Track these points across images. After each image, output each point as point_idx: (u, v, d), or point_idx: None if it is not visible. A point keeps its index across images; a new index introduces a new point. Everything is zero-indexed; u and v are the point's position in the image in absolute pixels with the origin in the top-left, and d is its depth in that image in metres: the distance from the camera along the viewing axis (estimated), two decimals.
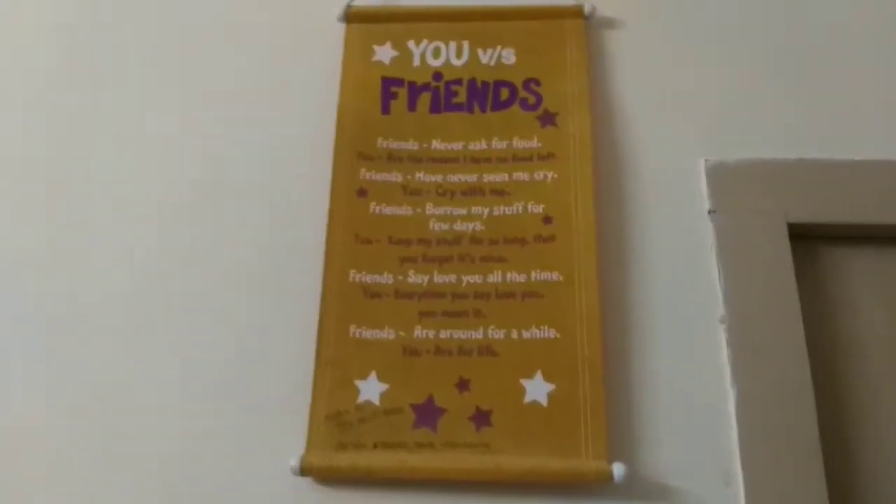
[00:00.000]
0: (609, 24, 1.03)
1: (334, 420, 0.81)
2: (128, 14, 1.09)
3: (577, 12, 1.02)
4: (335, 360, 0.84)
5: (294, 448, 0.80)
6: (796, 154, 0.92)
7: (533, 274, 0.87)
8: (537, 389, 0.82)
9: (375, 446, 0.80)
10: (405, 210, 0.92)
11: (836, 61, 1.00)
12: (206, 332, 0.88)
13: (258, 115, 1.00)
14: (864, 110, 0.96)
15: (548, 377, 0.82)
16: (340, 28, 1.03)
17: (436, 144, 0.96)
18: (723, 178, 0.91)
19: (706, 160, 0.93)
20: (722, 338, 0.84)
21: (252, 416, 0.84)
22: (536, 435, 0.79)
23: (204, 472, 0.82)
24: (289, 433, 0.81)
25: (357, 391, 0.83)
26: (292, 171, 0.96)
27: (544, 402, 0.81)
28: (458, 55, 1.01)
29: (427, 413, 0.81)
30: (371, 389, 0.83)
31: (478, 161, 0.95)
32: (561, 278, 0.87)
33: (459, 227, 0.91)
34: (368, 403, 0.82)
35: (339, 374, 0.83)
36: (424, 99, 0.99)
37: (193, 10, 1.08)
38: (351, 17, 1.04)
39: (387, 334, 0.85)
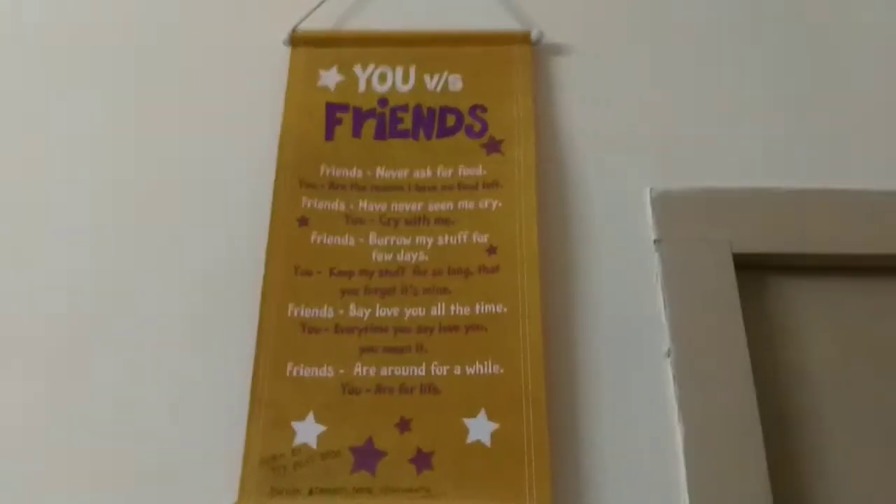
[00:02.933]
0: (557, 50, 1.02)
1: (269, 464, 0.77)
2: (67, 32, 1.05)
3: (524, 38, 1.01)
4: (271, 400, 0.80)
5: (225, 495, 0.76)
6: (742, 183, 0.92)
7: (477, 306, 0.85)
8: (480, 429, 0.79)
9: (311, 492, 0.76)
10: (347, 240, 0.90)
11: (781, 91, 1.00)
12: (135, 370, 0.84)
13: (198, 139, 0.97)
14: (811, 139, 0.97)
15: (491, 416, 0.79)
16: (286, 52, 1.01)
17: (380, 172, 0.94)
18: (668, 207, 0.90)
19: (651, 189, 0.92)
20: (668, 372, 0.82)
21: (182, 459, 0.79)
22: (479, 478, 0.76)
23: None
24: (220, 479, 0.77)
25: (293, 433, 0.79)
26: (233, 199, 0.93)
27: (487, 442, 0.78)
28: (405, 81, 1.00)
29: (366, 456, 0.78)
30: (308, 431, 0.79)
31: (423, 189, 0.92)
32: (505, 310, 0.84)
33: (403, 257, 0.88)
34: (305, 446, 0.78)
35: (274, 415, 0.80)
36: (369, 125, 0.97)
37: (136, 29, 1.05)
38: (297, 41, 1.02)
39: (325, 372, 0.82)
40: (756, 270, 0.89)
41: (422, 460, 0.77)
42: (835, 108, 0.99)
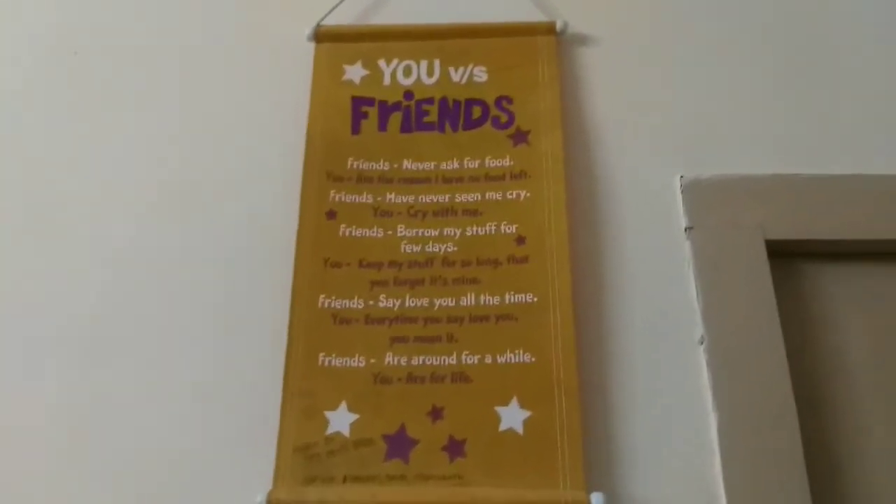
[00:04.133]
0: (582, 40, 1.02)
1: (302, 453, 0.78)
2: (99, 35, 1.07)
3: (549, 29, 1.00)
4: (304, 389, 0.81)
5: (261, 483, 0.76)
6: (773, 169, 0.91)
7: (507, 296, 0.85)
8: (513, 417, 0.79)
9: (345, 480, 0.76)
10: (376, 232, 0.90)
11: (812, 76, 0.99)
12: (171, 361, 0.85)
13: (227, 136, 0.98)
14: (842, 125, 0.96)
15: (523, 404, 0.79)
16: (310, 47, 1.01)
17: (407, 165, 0.94)
18: (699, 194, 0.90)
19: (682, 177, 0.91)
20: (702, 359, 0.82)
21: (218, 449, 0.80)
22: (512, 465, 0.76)
23: None
24: (255, 467, 0.77)
25: (326, 422, 0.79)
26: (261, 194, 0.94)
27: (520, 430, 0.78)
28: (430, 74, 1.00)
29: (399, 444, 0.78)
30: (341, 420, 0.79)
31: (449, 181, 0.93)
32: (535, 300, 0.84)
33: (431, 248, 0.89)
34: (338, 435, 0.79)
35: (307, 404, 0.80)
36: (395, 119, 0.97)
37: (163, 29, 1.06)
38: (321, 36, 1.02)
39: (357, 362, 0.82)
40: (788, 257, 0.88)
41: (454, 448, 0.78)
42: (866, 93, 0.97)
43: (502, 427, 0.78)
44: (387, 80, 1.00)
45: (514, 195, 0.91)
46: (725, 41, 1.01)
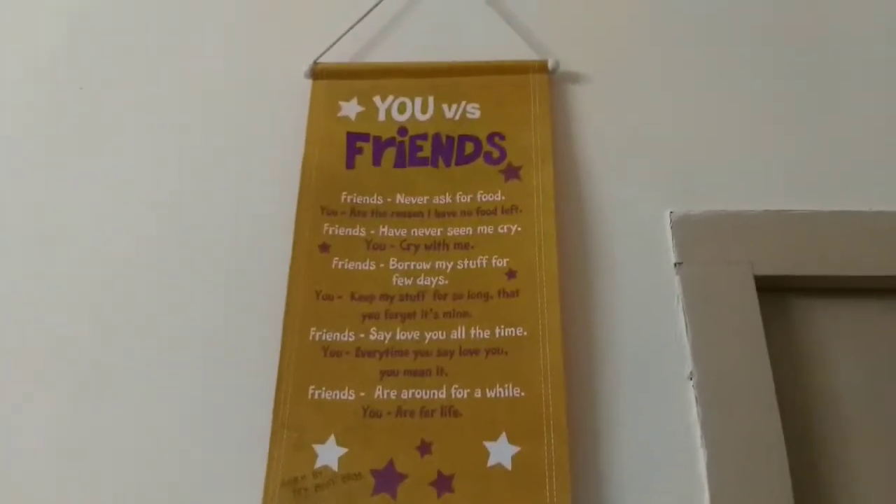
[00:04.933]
0: (573, 78, 1.04)
1: (290, 486, 0.78)
2: (96, 65, 1.09)
3: (541, 67, 1.02)
4: (293, 423, 0.81)
5: None
6: (762, 206, 0.92)
7: (497, 329, 0.85)
8: (501, 452, 0.79)
9: None
10: (368, 265, 0.91)
11: (801, 114, 1.01)
12: (161, 391, 0.85)
13: (223, 169, 1.00)
14: (831, 162, 0.97)
15: (512, 439, 0.79)
16: (307, 84, 1.04)
17: (400, 199, 0.95)
18: (689, 230, 0.91)
19: (672, 212, 0.92)
20: (691, 395, 0.82)
21: (206, 483, 0.80)
22: (500, 501, 0.76)
23: None
24: (244, 500, 0.77)
25: (315, 455, 0.79)
26: (256, 225, 0.95)
27: (508, 465, 0.78)
28: (424, 110, 1.02)
29: (387, 478, 0.78)
30: (329, 454, 0.79)
31: (442, 215, 0.94)
32: (525, 333, 0.85)
33: (423, 281, 0.89)
34: (326, 469, 0.79)
35: (296, 437, 0.80)
36: (389, 154, 0.99)
37: (162, 63, 1.09)
38: (318, 73, 1.04)
39: (347, 395, 0.83)
40: (778, 292, 0.89)
41: (442, 483, 0.77)
42: (853, 131, 0.99)
43: (491, 462, 0.78)
44: (381, 117, 1.01)
45: (506, 230, 0.92)
46: (714, 79, 1.03)
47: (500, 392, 0.82)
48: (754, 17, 1.08)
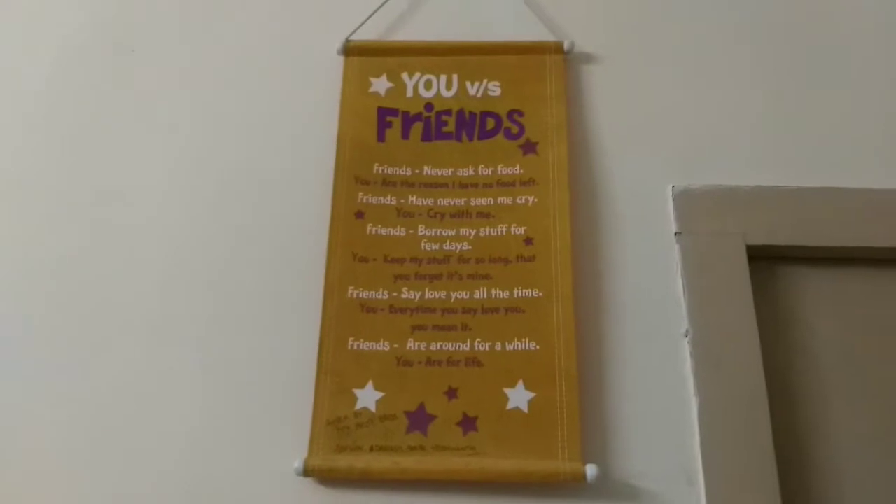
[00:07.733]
0: (587, 59, 1.11)
1: (334, 425, 0.88)
2: (138, 44, 1.16)
3: (557, 48, 1.09)
4: (335, 370, 0.91)
5: (297, 451, 0.87)
6: (755, 181, 1.00)
7: (515, 291, 0.95)
8: (519, 397, 0.89)
9: (372, 449, 0.87)
10: (399, 231, 1.00)
11: (794, 95, 1.08)
12: (219, 344, 0.95)
13: (263, 143, 1.07)
14: (818, 142, 1.04)
15: (528, 386, 0.90)
16: (340, 61, 1.10)
17: (427, 170, 1.03)
18: (688, 202, 0.99)
19: (673, 186, 1.01)
20: (686, 350, 0.92)
21: (260, 421, 0.91)
22: (517, 439, 0.87)
23: (214, 471, 0.89)
24: (293, 437, 0.88)
25: (355, 399, 0.90)
26: (297, 195, 1.03)
27: (525, 408, 0.89)
28: (448, 87, 1.09)
29: (419, 419, 0.89)
30: (368, 397, 0.90)
31: (465, 186, 1.02)
32: (541, 294, 0.94)
33: (448, 247, 0.98)
34: (365, 410, 0.89)
35: (338, 383, 0.91)
36: (417, 128, 1.06)
37: (204, 44, 1.15)
38: (349, 50, 1.11)
39: (382, 346, 0.93)
40: (767, 261, 0.98)
41: (467, 423, 0.88)
42: (842, 112, 1.06)
43: (509, 406, 0.89)
44: (409, 93, 1.09)
45: (524, 200, 1.00)
46: (717, 63, 1.10)
47: (517, 345, 0.92)
48: (753, 3, 1.14)
